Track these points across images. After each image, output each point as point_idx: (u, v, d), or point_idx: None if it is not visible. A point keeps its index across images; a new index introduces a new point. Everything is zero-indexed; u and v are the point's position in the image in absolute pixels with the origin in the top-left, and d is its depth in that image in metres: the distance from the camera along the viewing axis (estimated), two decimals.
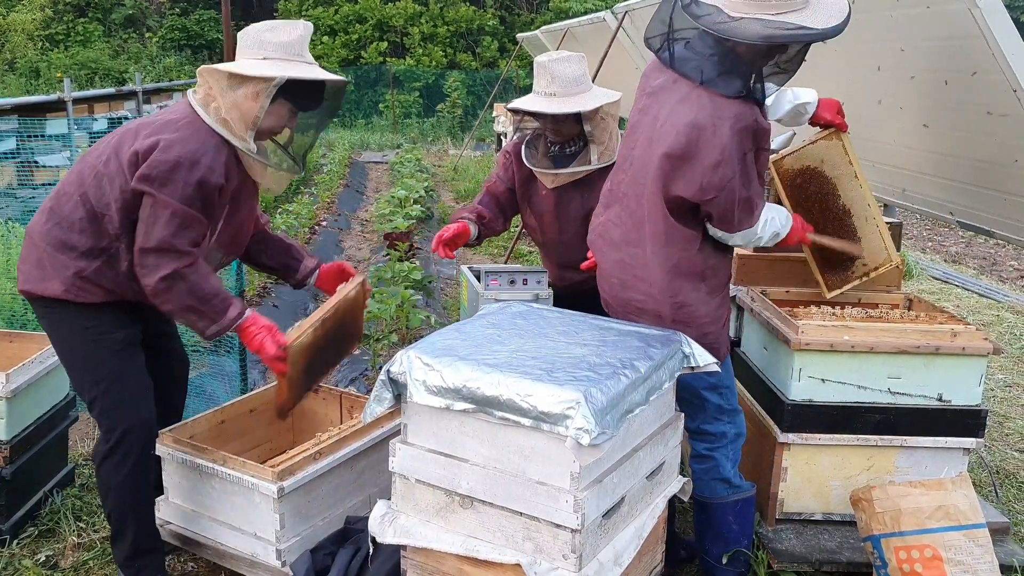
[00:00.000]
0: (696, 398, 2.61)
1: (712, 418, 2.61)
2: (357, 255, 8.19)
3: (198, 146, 2.44)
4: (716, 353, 2.52)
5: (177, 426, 2.94)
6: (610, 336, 2.43)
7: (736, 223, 2.47)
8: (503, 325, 2.49)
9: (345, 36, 21.19)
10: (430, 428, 2.26)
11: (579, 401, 1.98)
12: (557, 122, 3.05)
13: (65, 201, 2.56)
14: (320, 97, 2.62)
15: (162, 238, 2.43)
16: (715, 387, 2.59)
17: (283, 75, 2.43)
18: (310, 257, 3.04)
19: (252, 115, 2.46)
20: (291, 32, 2.52)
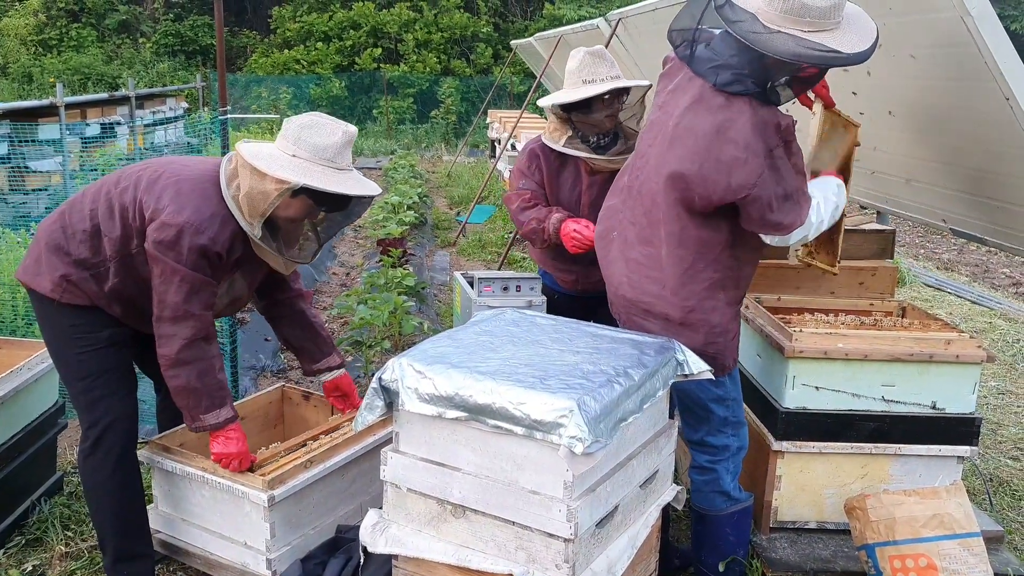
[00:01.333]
0: (702, 410, 2.57)
1: (716, 430, 2.58)
2: (350, 261, 8.17)
3: (206, 215, 2.49)
4: (721, 364, 2.49)
5: (166, 434, 2.92)
6: (603, 343, 2.42)
7: (784, 223, 2.35)
8: (496, 332, 2.48)
9: (339, 42, 21.18)
10: (422, 436, 2.24)
11: (572, 409, 1.97)
12: (613, 106, 3.05)
13: (77, 210, 2.65)
14: (344, 203, 2.61)
15: (175, 304, 2.49)
16: (722, 399, 2.56)
17: (298, 182, 2.42)
18: (337, 354, 3.09)
19: (261, 208, 2.48)
20: (329, 136, 2.50)
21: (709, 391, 2.53)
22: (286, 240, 2.66)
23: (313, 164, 2.47)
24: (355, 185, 2.52)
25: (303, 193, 2.47)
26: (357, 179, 2.55)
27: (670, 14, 4.98)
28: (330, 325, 5.98)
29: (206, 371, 2.55)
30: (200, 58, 22.51)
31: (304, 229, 2.72)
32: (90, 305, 2.62)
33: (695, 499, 2.65)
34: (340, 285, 7.24)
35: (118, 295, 2.62)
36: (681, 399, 2.59)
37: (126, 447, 2.68)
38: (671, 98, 2.49)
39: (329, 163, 2.49)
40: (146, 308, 2.62)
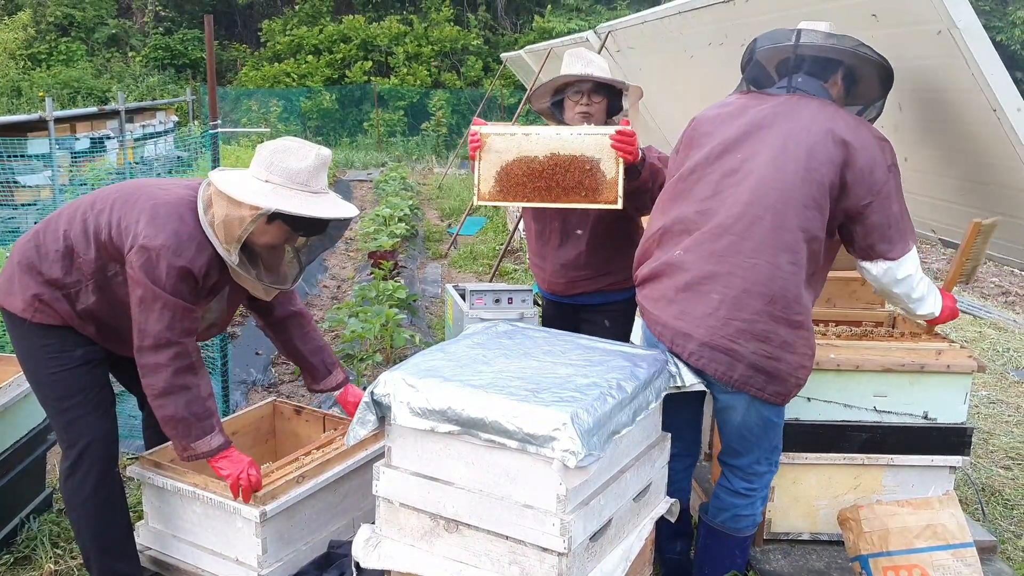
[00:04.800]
0: (757, 436, 2.51)
1: (764, 458, 2.55)
2: (341, 273, 8.16)
3: (183, 239, 2.46)
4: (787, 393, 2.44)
5: (156, 449, 2.90)
6: (596, 356, 2.41)
7: (898, 240, 2.40)
8: (488, 345, 2.47)
9: (330, 55, 21.22)
10: (414, 451, 2.23)
11: (565, 422, 1.97)
12: (592, 103, 3.06)
13: (51, 230, 2.62)
14: (321, 226, 2.58)
15: (157, 332, 2.46)
16: (777, 427, 2.53)
17: (270, 207, 2.41)
18: (341, 371, 3.07)
19: (236, 234, 2.46)
20: (302, 160, 2.48)
21: (772, 420, 2.49)
22: (266, 266, 2.63)
23: (286, 189, 2.45)
24: (330, 208, 2.48)
25: (278, 218, 2.45)
26: (333, 202, 2.52)
27: (659, 27, 5.03)
28: None
29: (193, 400, 2.51)
30: (190, 71, 22.50)
31: (284, 254, 2.69)
32: (62, 325, 2.60)
33: (716, 517, 2.62)
34: (331, 298, 7.23)
35: (92, 316, 2.60)
36: (735, 425, 2.50)
37: (106, 466, 2.66)
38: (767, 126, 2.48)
39: (303, 187, 2.46)
40: (122, 330, 2.60)
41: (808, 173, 2.34)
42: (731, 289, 2.37)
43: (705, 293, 2.41)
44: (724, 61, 4.53)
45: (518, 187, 2.93)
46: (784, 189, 2.35)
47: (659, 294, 2.52)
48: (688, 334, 2.43)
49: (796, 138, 2.38)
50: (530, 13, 22.22)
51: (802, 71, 2.49)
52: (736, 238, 2.38)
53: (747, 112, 2.50)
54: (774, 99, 2.49)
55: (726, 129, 2.50)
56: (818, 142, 2.36)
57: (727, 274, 2.38)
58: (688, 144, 2.60)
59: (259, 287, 2.61)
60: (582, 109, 3.07)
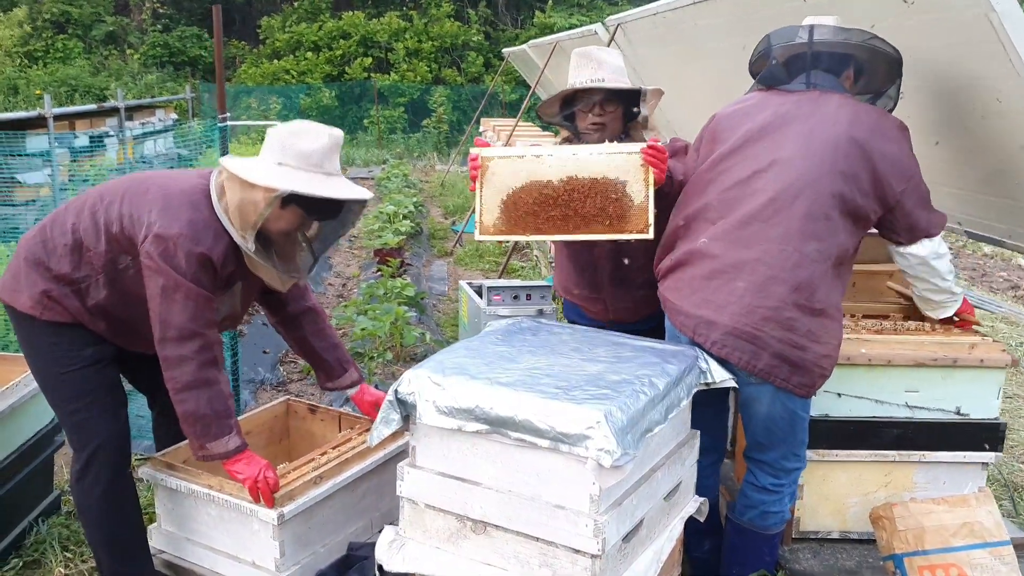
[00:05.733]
0: (786, 431, 2.46)
1: (792, 453, 2.49)
2: (346, 271, 8.09)
3: (199, 227, 2.40)
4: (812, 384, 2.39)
5: (170, 450, 2.83)
6: (624, 351, 2.35)
7: (935, 216, 2.46)
8: (513, 342, 2.41)
9: (329, 52, 21.10)
10: (440, 450, 2.17)
11: (599, 420, 1.90)
12: (606, 112, 2.78)
13: (58, 224, 2.55)
14: (337, 208, 2.51)
15: (180, 324, 2.40)
16: (805, 420, 2.47)
17: (286, 189, 2.34)
18: (355, 369, 3.01)
19: (252, 219, 2.39)
20: (315, 141, 2.41)
21: (798, 414, 2.44)
22: (281, 255, 2.57)
23: (300, 171, 2.38)
24: (345, 189, 2.43)
25: (293, 202, 2.39)
26: (347, 184, 2.46)
27: (672, 18, 4.96)
28: None
29: (216, 396, 2.44)
30: (189, 69, 22.39)
31: (299, 242, 2.62)
32: (71, 322, 2.53)
33: (744, 515, 2.56)
34: (337, 296, 7.15)
35: (103, 311, 2.53)
36: (761, 418, 2.45)
37: (117, 468, 2.59)
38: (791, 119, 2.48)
39: (317, 168, 2.40)
40: (135, 324, 2.53)
41: (835, 163, 2.34)
42: (756, 276, 2.33)
43: (730, 281, 2.36)
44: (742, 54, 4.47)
45: (528, 217, 2.58)
46: (812, 178, 2.33)
47: (682, 283, 2.48)
48: (711, 322, 2.38)
49: (822, 130, 2.39)
50: (531, 8, 22.11)
51: (818, 67, 2.49)
52: (763, 225, 2.34)
53: (769, 107, 2.50)
54: (794, 94, 2.50)
55: (749, 122, 2.50)
56: (843, 133, 2.36)
57: (753, 261, 2.33)
58: (711, 139, 2.58)
59: (275, 276, 2.54)
60: (595, 120, 2.79)
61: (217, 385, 2.45)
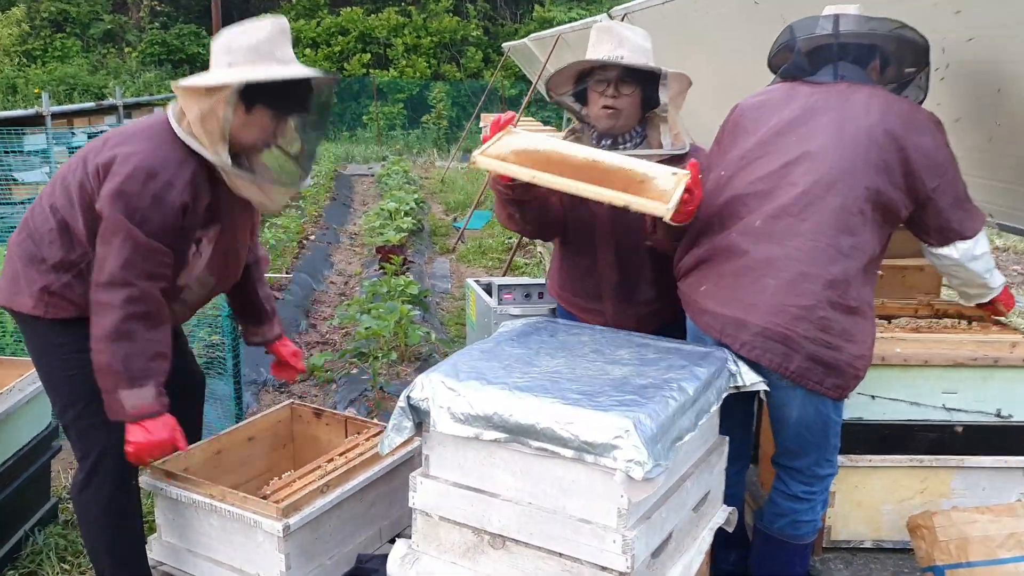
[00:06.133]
0: (819, 436, 2.33)
1: (824, 460, 2.36)
2: (348, 269, 7.96)
3: (159, 159, 2.23)
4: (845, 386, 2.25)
5: (170, 458, 2.69)
6: (649, 353, 2.22)
7: (971, 217, 2.32)
8: (530, 343, 2.28)
9: (328, 48, 20.98)
10: (455, 459, 2.04)
11: (628, 429, 1.77)
12: (621, 95, 2.52)
13: (38, 213, 2.41)
14: (303, 97, 2.34)
15: (113, 270, 2.22)
16: (837, 424, 2.35)
17: (238, 80, 2.18)
18: (278, 324, 2.94)
19: (217, 129, 2.22)
20: (259, 32, 2.25)
21: (831, 418, 2.31)
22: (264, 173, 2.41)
23: (251, 64, 2.23)
24: (303, 69, 2.28)
25: (257, 102, 2.24)
26: (305, 68, 2.31)
27: (680, 9, 4.82)
28: (332, 336, 5.77)
29: (135, 354, 2.24)
30: (187, 67, 22.23)
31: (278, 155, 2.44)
32: (78, 317, 2.37)
33: (773, 524, 2.44)
34: (339, 294, 7.03)
35: None
36: (792, 423, 2.32)
37: (123, 478, 2.45)
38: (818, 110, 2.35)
39: (268, 57, 2.24)
40: None
41: (868, 155, 2.21)
42: (788, 272, 2.20)
43: (759, 278, 2.23)
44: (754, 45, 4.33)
45: (541, 163, 2.26)
46: (845, 170, 2.21)
47: (707, 281, 2.34)
48: (740, 322, 2.24)
49: (854, 121, 2.26)
50: (530, 3, 21.97)
51: (845, 59, 2.36)
52: (794, 219, 2.21)
53: (796, 99, 2.37)
54: (822, 86, 2.37)
55: (776, 114, 2.37)
56: (875, 125, 2.23)
57: (784, 257, 2.20)
58: (733, 132, 2.45)
59: (263, 192, 2.36)
60: (607, 103, 2.52)
61: (138, 342, 2.25)
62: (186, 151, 2.26)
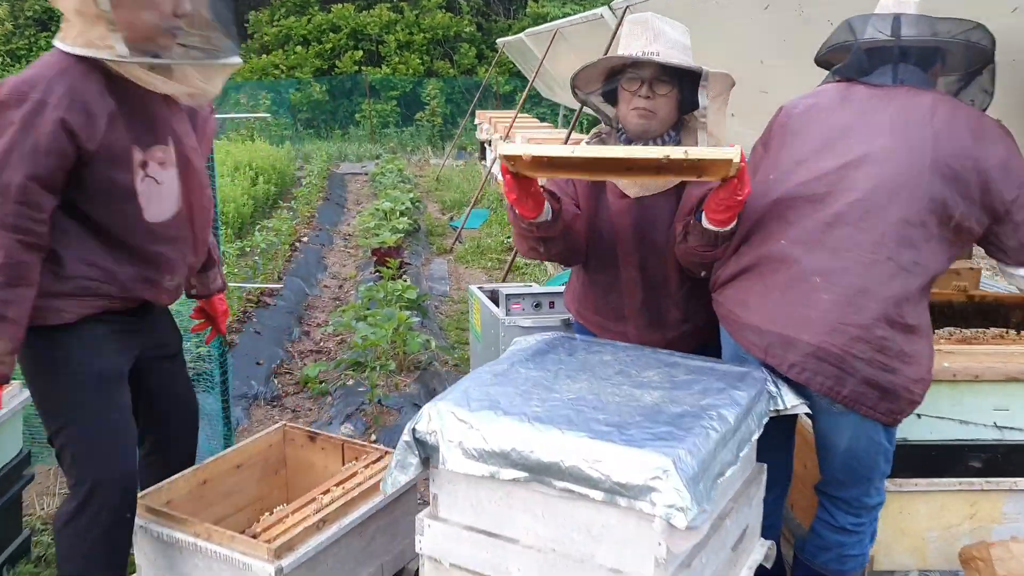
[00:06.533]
0: (867, 465, 2.12)
1: (874, 488, 2.16)
2: (342, 272, 7.72)
3: (33, 75, 1.95)
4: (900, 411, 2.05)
5: (151, 491, 2.47)
6: (680, 374, 2.00)
7: None
8: (547, 364, 2.06)
9: (319, 46, 20.69)
10: (468, 500, 1.82)
11: (667, 469, 1.55)
12: (656, 96, 2.26)
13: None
14: None
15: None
16: (888, 453, 2.14)
17: None
18: (222, 275, 2.66)
19: (96, 11, 1.92)
20: None
21: (882, 445, 2.10)
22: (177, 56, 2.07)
23: None
24: None
25: None
26: None
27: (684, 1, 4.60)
28: (326, 344, 5.54)
29: None
30: None
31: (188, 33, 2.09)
32: (71, 323, 2.10)
33: (817, 558, 2.23)
34: (333, 299, 6.79)
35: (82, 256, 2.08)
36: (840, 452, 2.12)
37: (119, 514, 2.19)
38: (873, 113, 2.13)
39: None
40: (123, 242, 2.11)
41: (935, 163, 1.98)
42: (845, 288, 1.97)
43: (811, 292, 2.01)
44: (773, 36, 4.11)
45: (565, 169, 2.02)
46: (911, 177, 1.98)
47: (750, 294, 2.12)
48: (789, 340, 2.02)
49: (918, 126, 2.03)
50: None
51: (906, 62, 2.12)
52: (853, 229, 1.98)
53: (852, 100, 2.13)
54: (880, 89, 2.12)
55: (830, 117, 2.13)
56: (942, 131, 2.00)
57: (841, 271, 1.98)
58: (780, 136, 2.20)
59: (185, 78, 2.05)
60: (640, 104, 2.26)
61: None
62: (69, 60, 1.97)
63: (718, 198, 1.99)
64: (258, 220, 9.19)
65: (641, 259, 2.37)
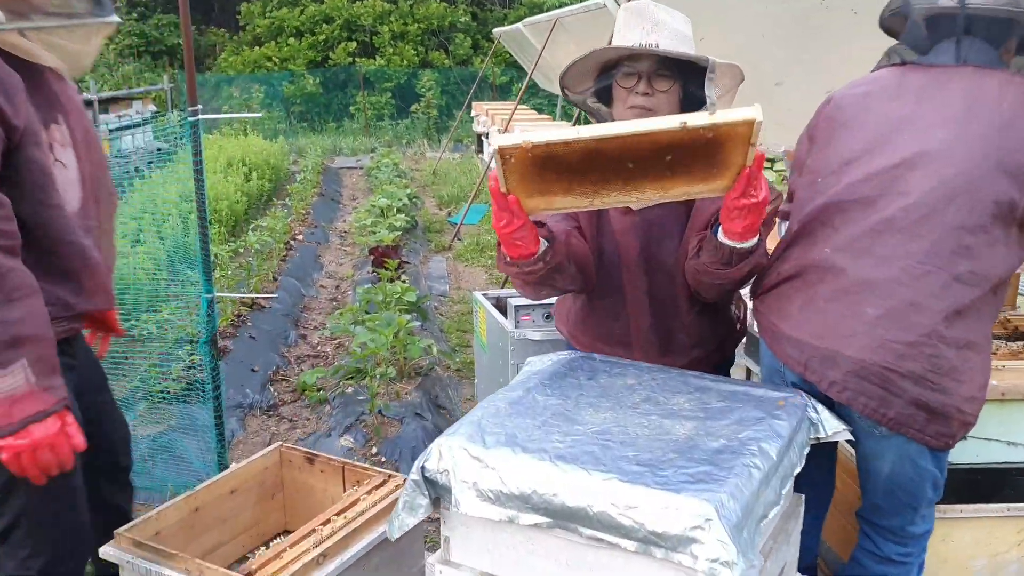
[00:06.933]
0: (912, 493, 1.96)
1: (921, 516, 2.00)
2: (339, 272, 7.54)
3: None
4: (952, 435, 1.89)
5: (137, 522, 2.30)
6: (712, 400, 1.83)
7: None
8: (566, 390, 1.89)
9: (312, 37, 20.46)
10: (483, 544, 1.65)
11: (710, 518, 1.39)
12: (655, 92, 2.01)
13: None
14: None
15: None
16: (938, 480, 1.97)
17: None
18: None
19: None
20: None
21: (929, 471, 1.93)
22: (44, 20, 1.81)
23: None
24: None
25: None
26: None
27: None
28: (323, 348, 5.37)
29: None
30: (167, 59, 21.67)
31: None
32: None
33: None
34: (330, 299, 6.62)
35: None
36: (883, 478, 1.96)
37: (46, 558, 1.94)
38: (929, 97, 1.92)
39: None
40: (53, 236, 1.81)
41: (1002, 161, 1.78)
42: (893, 301, 1.81)
43: (856, 304, 1.85)
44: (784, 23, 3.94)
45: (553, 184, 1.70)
46: (973, 178, 1.79)
47: (792, 304, 1.96)
48: (832, 356, 1.87)
49: (982, 117, 1.82)
50: None
51: (972, 36, 1.89)
52: (904, 236, 1.81)
53: (908, 88, 1.92)
54: (940, 70, 1.90)
55: (883, 107, 1.93)
56: (1009, 122, 1.80)
57: (890, 281, 1.82)
58: (828, 129, 2.01)
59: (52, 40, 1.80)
60: (638, 101, 2.01)
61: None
62: None
63: (731, 200, 1.74)
64: (252, 217, 9.00)
65: (649, 281, 2.15)
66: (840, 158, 1.94)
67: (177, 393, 3.95)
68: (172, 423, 3.79)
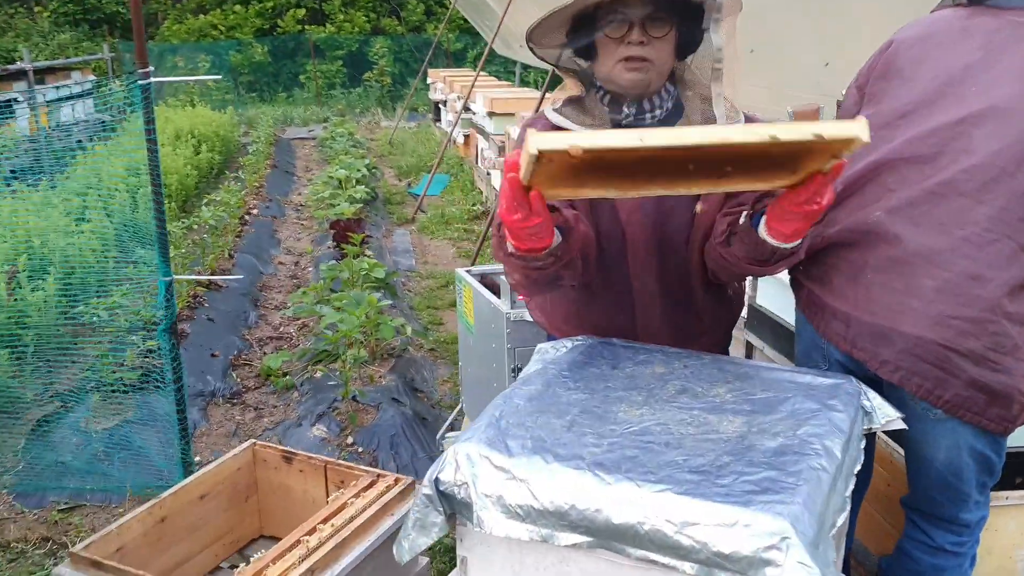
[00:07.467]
0: (967, 480, 1.79)
1: (975, 503, 1.83)
2: (297, 247, 7.20)
3: None
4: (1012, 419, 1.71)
5: (96, 538, 2.04)
6: (756, 390, 1.62)
7: None
8: (591, 381, 1.66)
9: (259, 4, 19.76)
10: (508, 566, 1.43)
11: (786, 535, 1.18)
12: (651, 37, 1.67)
13: None
14: None
15: None
16: (995, 467, 1.80)
17: None
18: None
19: None
20: None
21: (987, 456, 1.76)
22: None
23: None
24: None
25: None
26: None
27: None
28: (286, 329, 5.08)
29: None
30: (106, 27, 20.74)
31: None
32: None
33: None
34: (290, 276, 6.30)
35: None
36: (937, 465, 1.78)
37: None
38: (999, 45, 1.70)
39: None
40: None
41: None
42: (955, 273, 1.63)
43: (913, 275, 1.66)
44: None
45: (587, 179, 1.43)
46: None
47: (838, 274, 1.76)
48: (882, 333, 1.69)
49: None
50: None
51: None
52: (968, 201, 1.62)
53: (974, 33, 1.72)
54: (1013, 14, 1.71)
55: (946, 54, 1.73)
56: None
57: (950, 251, 1.63)
58: (884, 75, 1.80)
59: None
60: (633, 52, 1.68)
61: None
62: None
63: (790, 202, 1.47)
64: (204, 192, 8.59)
65: (660, 266, 1.84)
66: (894, 111, 1.73)
67: (133, 383, 3.65)
68: (128, 416, 3.49)
